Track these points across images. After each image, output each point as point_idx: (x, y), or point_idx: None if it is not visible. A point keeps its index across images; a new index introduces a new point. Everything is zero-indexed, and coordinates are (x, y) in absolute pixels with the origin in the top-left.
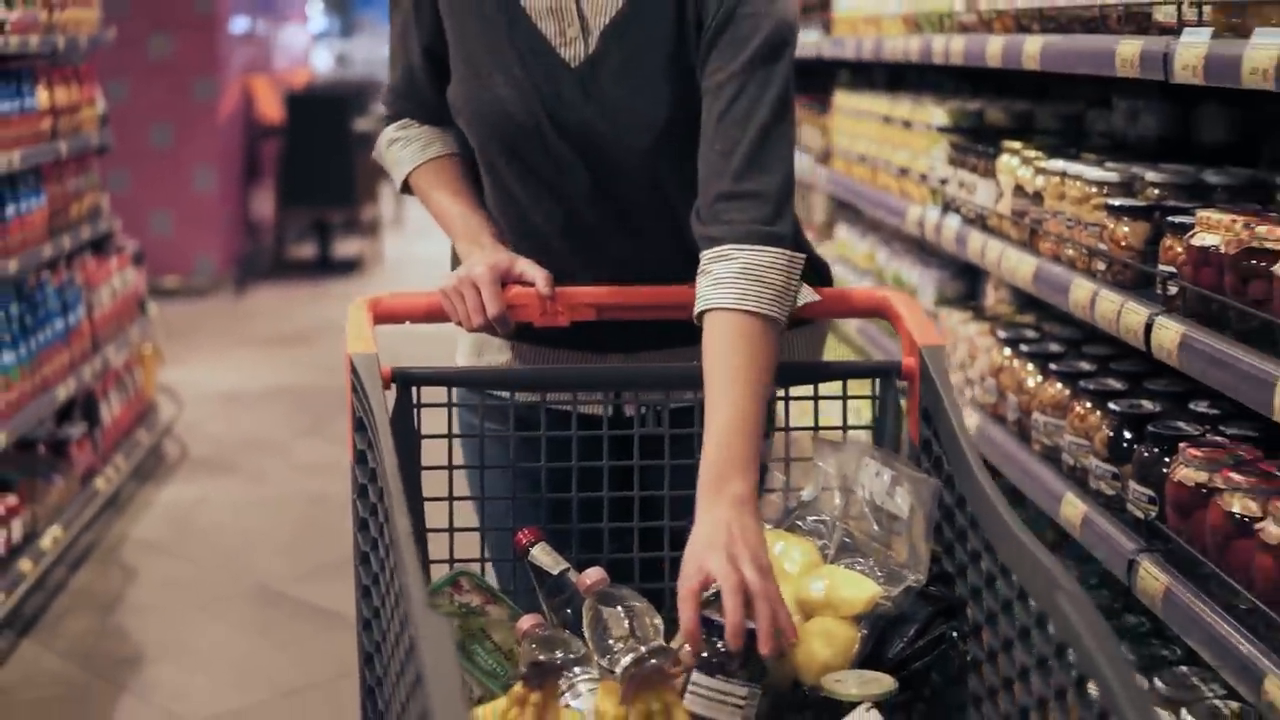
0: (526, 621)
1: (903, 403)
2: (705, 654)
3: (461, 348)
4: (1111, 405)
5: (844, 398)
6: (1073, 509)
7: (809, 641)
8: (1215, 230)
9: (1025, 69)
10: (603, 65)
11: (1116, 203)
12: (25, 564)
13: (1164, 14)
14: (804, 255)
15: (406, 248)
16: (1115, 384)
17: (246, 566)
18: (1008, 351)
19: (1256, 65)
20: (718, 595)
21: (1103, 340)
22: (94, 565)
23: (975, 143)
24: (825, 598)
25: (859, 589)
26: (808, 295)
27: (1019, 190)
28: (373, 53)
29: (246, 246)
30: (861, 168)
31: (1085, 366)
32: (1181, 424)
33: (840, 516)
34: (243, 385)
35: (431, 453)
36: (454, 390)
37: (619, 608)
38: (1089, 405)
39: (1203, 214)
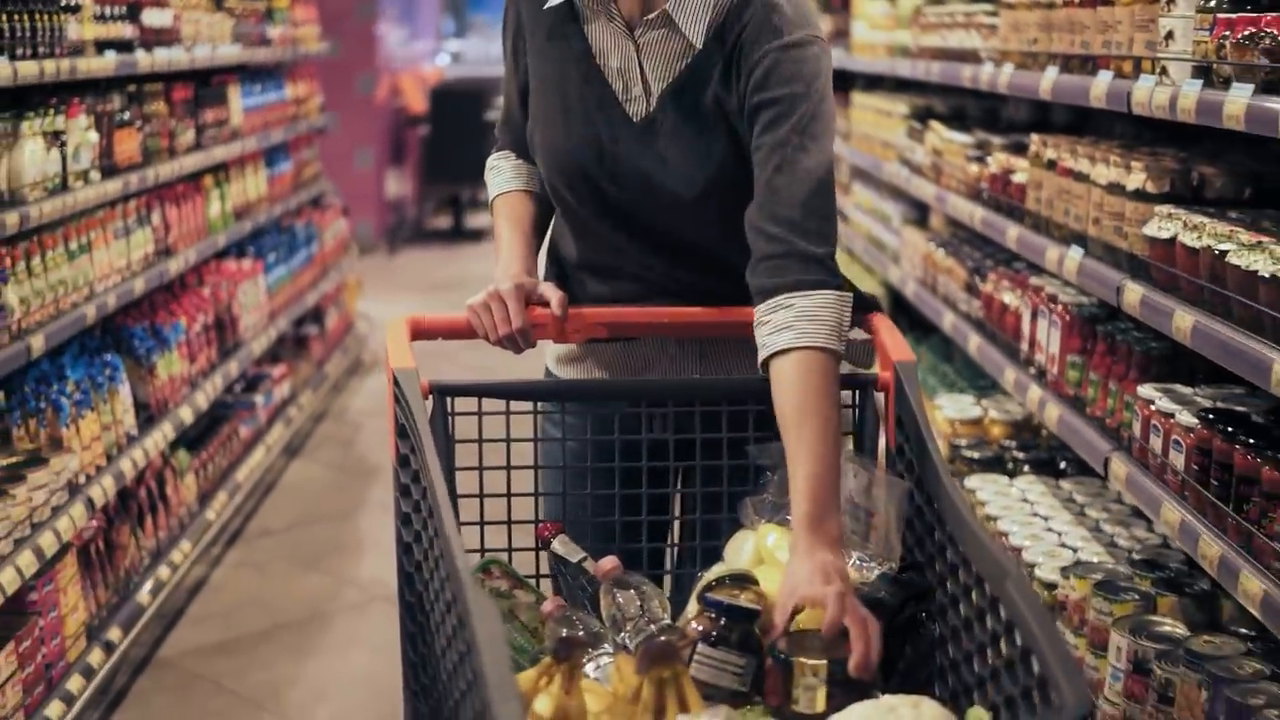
0: (550, 604)
1: (880, 412)
2: (707, 629)
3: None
4: (968, 263)
5: None
6: (949, 321)
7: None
8: (998, 164)
9: (932, 81)
10: (660, 124)
11: (971, 153)
12: (293, 411)
13: (985, 53)
14: (850, 293)
15: None
16: (976, 254)
17: None
18: (932, 246)
19: (1023, 86)
20: (720, 581)
21: (981, 238)
22: (331, 422)
23: (917, 123)
24: None
25: None
26: (859, 333)
27: (934, 150)
28: (483, 52)
29: (392, 217)
30: (866, 143)
31: (966, 249)
32: (1002, 269)
33: None
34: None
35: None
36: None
37: (632, 591)
38: (959, 265)
39: (994, 156)
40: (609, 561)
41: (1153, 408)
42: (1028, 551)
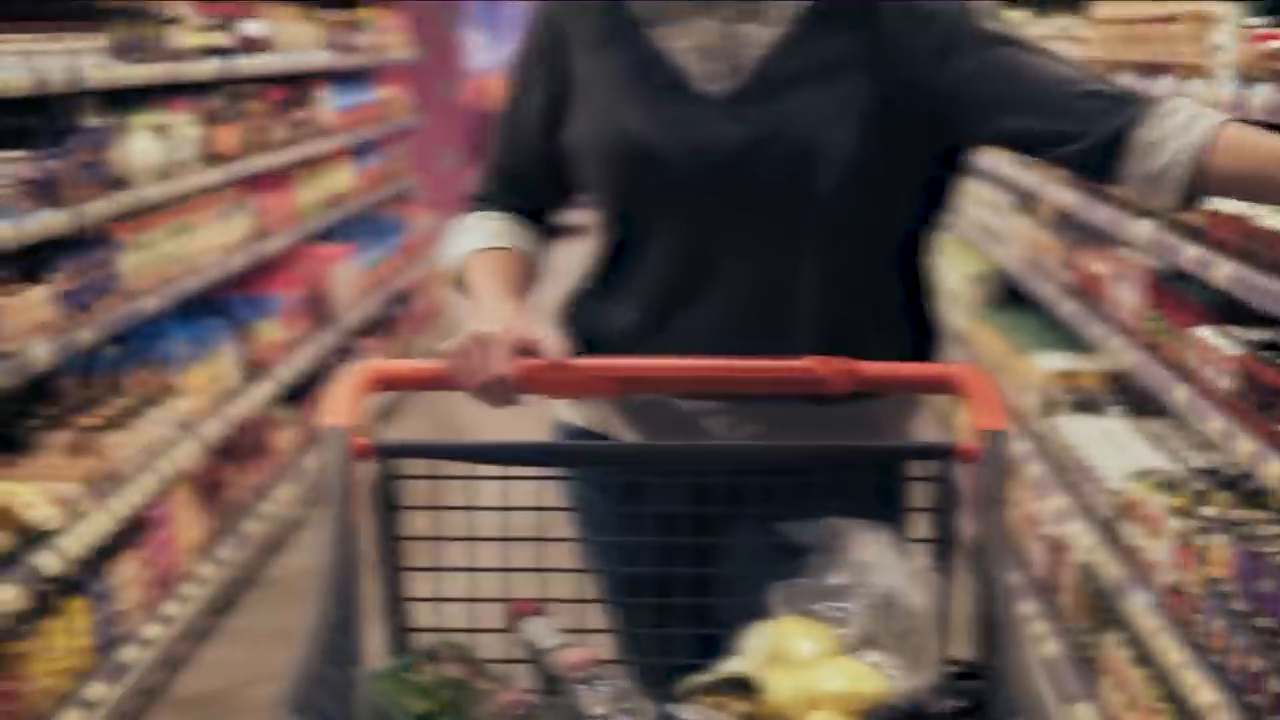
0: (506, 696)
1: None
2: None
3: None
4: (1065, 241)
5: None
6: (1048, 291)
7: None
8: None
9: None
10: (753, 96)
11: None
12: None
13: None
14: None
15: None
16: (1072, 233)
17: None
18: (1036, 228)
19: None
20: (715, 685)
21: (1076, 220)
22: (418, 393)
23: None
24: (833, 691)
25: (867, 684)
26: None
27: None
28: None
29: None
30: None
31: (1064, 229)
32: (1092, 244)
33: (864, 606)
34: None
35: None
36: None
37: (598, 690)
38: (1058, 243)
39: None
40: (578, 652)
41: (1205, 344)
42: (1102, 469)
